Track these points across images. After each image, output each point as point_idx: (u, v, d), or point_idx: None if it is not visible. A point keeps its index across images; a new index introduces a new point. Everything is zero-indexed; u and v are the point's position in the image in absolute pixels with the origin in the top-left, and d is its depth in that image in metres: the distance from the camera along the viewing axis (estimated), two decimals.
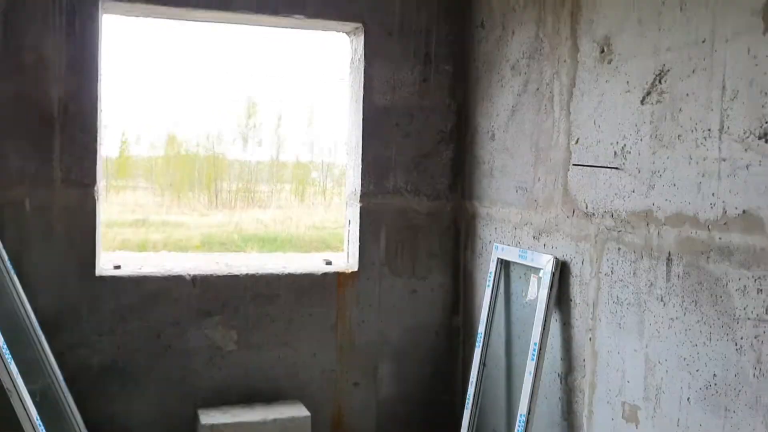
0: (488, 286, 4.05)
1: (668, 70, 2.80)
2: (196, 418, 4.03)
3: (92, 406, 3.93)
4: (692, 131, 2.67)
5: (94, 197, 3.96)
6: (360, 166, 4.42)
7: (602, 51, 3.20)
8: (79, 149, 3.91)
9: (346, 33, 4.56)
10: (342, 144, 4.87)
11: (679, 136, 2.74)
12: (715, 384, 2.57)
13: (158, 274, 4.12)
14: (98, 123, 3.95)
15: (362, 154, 4.41)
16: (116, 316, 4.01)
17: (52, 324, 3.84)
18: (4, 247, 3.69)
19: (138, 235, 13.63)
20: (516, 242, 3.93)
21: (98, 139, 3.97)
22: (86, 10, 3.87)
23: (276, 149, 21.50)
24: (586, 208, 3.31)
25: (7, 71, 3.78)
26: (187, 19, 4.38)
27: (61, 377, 3.75)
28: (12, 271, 3.68)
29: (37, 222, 3.86)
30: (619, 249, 3.08)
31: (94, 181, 3.95)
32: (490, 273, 4.05)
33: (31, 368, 3.54)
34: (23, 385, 3.25)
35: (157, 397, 4.11)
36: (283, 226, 16.70)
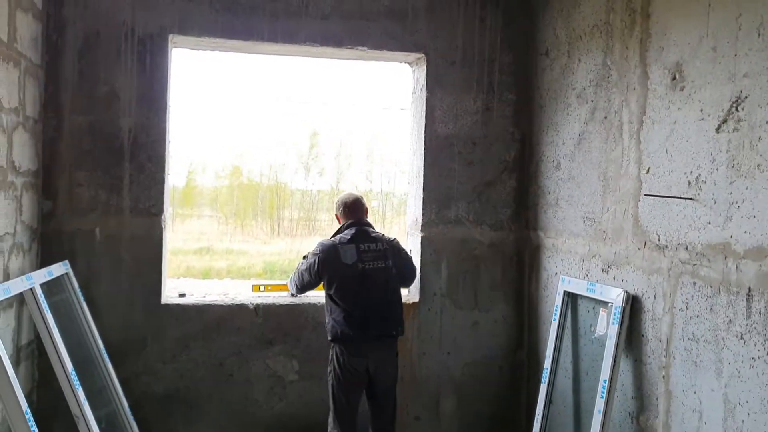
0: (554, 319, 3.93)
1: (746, 97, 2.68)
2: None
3: None
4: None
5: (161, 226, 4.04)
6: (421, 196, 4.39)
7: (674, 78, 3.09)
8: (148, 179, 4.00)
9: (408, 63, 4.57)
10: (402, 173, 4.80)
11: (758, 165, 2.61)
12: None
13: (222, 303, 4.16)
14: (166, 154, 4.05)
15: (424, 184, 4.38)
16: (180, 344, 4.06)
17: (119, 351, 3.90)
18: (76, 275, 3.79)
19: (202, 262, 13.90)
20: (584, 275, 3.81)
21: (166, 169, 4.06)
22: (157, 46, 3.99)
23: (336, 178, 21.73)
24: (659, 240, 3.18)
25: (81, 104, 3.92)
26: (254, 52, 4.47)
27: (126, 404, 3.80)
28: (82, 299, 3.77)
29: (106, 251, 3.96)
30: (694, 283, 2.94)
31: (161, 211, 4.03)
32: (557, 306, 3.93)
33: (97, 394, 3.60)
34: (90, 411, 3.30)
35: (219, 426, 4.12)
36: None
